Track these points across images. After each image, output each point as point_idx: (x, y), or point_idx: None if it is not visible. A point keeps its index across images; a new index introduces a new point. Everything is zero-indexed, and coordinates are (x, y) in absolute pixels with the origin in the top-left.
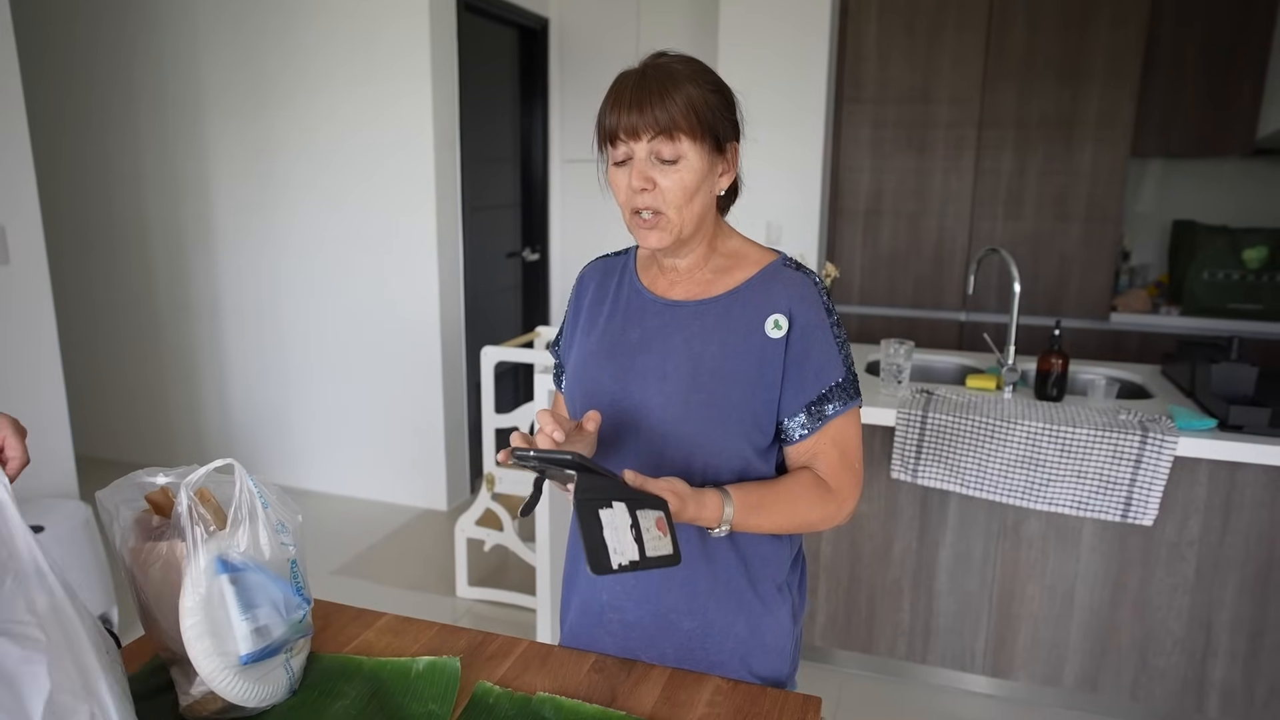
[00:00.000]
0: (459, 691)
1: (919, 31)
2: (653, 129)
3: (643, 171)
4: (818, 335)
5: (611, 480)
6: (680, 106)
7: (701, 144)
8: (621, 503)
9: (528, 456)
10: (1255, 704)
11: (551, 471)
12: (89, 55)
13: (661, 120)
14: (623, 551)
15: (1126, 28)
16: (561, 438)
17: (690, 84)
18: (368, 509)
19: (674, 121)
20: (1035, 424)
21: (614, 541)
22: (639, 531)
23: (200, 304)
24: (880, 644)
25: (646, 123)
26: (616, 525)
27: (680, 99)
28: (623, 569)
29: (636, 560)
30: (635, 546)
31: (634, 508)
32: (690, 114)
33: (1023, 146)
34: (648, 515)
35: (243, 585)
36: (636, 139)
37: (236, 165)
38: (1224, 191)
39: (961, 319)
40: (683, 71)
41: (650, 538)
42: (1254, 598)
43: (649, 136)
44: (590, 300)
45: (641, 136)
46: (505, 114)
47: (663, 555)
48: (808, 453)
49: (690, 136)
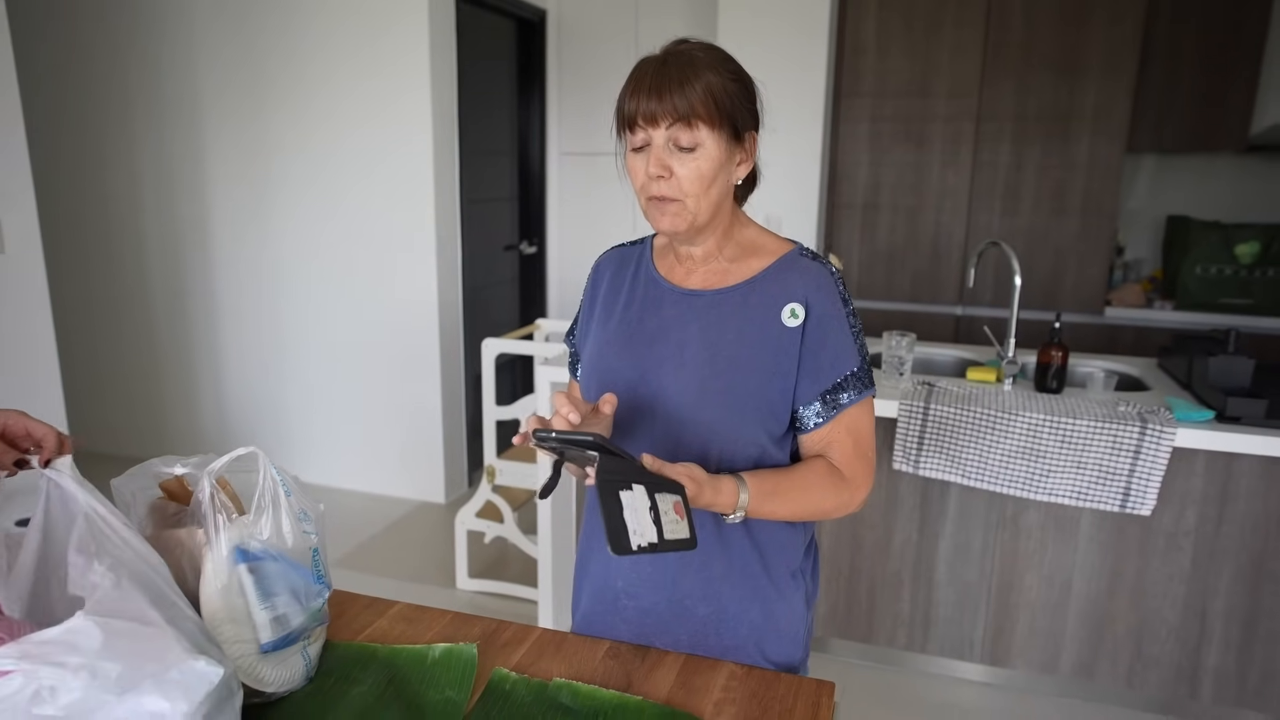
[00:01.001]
0: (475, 678)
1: (917, 26)
2: (671, 116)
3: (660, 159)
4: (834, 325)
5: (631, 463)
6: (699, 94)
7: (720, 132)
8: (640, 485)
9: (549, 437)
10: (1248, 690)
11: (570, 453)
12: (87, 54)
13: (680, 107)
14: (642, 533)
15: (1123, 24)
16: (578, 419)
17: (711, 72)
18: (365, 502)
19: (692, 109)
20: (1036, 415)
21: (634, 523)
22: (657, 514)
23: (197, 299)
24: (880, 634)
25: (665, 109)
26: (636, 507)
27: (700, 86)
28: (641, 550)
29: (655, 542)
30: (654, 529)
31: (652, 491)
32: (709, 102)
33: (1020, 141)
34: (666, 499)
35: (261, 574)
36: (655, 126)
37: (235, 161)
38: (1217, 187)
39: (958, 313)
40: (704, 59)
41: (668, 521)
42: (1248, 586)
43: (667, 124)
44: (606, 289)
45: (660, 123)
46: (503, 106)
47: (680, 539)
48: (822, 441)
49: (709, 124)
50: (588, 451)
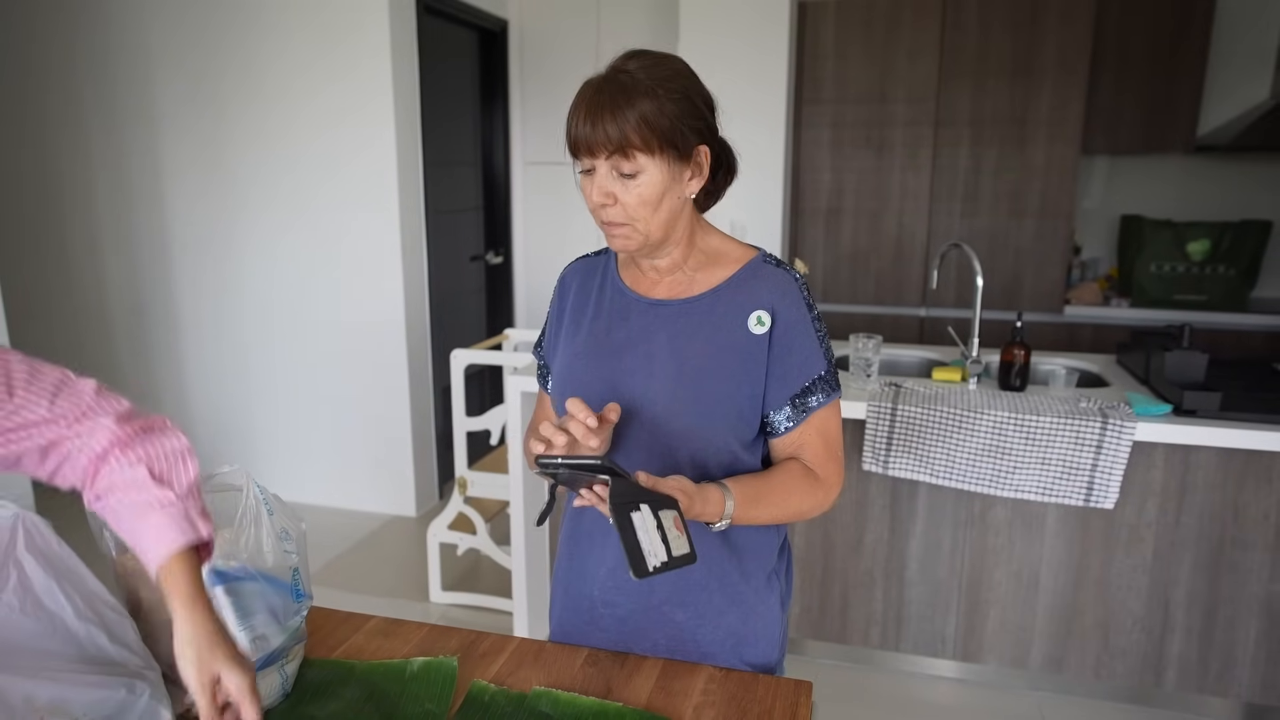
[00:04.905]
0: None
1: (875, 32)
2: (606, 148)
3: (603, 186)
4: (800, 330)
5: (633, 483)
6: (633, 124)
7: (660, 157)
8: (646, 504)
9: (555, 464)
10: (1210, 675)
11: (571, 477)
12: (40, 65)
13: (614, 138)
14: (654, 553)
15: (1075, 26)
16: (595, 424)
17: (646, 98)
18: (335, 517)
19: (626, 139)
20: (1000, 413)
21: (647, 544)
22: (663, 532)
23: (157, 313)
24: (854, 633)
25: (599, 141)
26: (647, 527)
27: (633, 116)
28: (656, 570)
29: (666, 561)
30: (664, 547)
31: (655, 509)
32: (643, 130)
33: (978, 144)
34: (666, 515)
35: (238, 595)
36: (594, 155)
37: (194, 174)
38: (1168, 187)
39: (922, 314)
40: (643, 83)
41: (672, 537)
42: (1207, 575)
43: (605, 154)
44: (573, 301)
45: (598, 154)
46: (466, 117)
47: (684, 554)
48: (793, 444)
49: (646, 152)
50: (599, 475)
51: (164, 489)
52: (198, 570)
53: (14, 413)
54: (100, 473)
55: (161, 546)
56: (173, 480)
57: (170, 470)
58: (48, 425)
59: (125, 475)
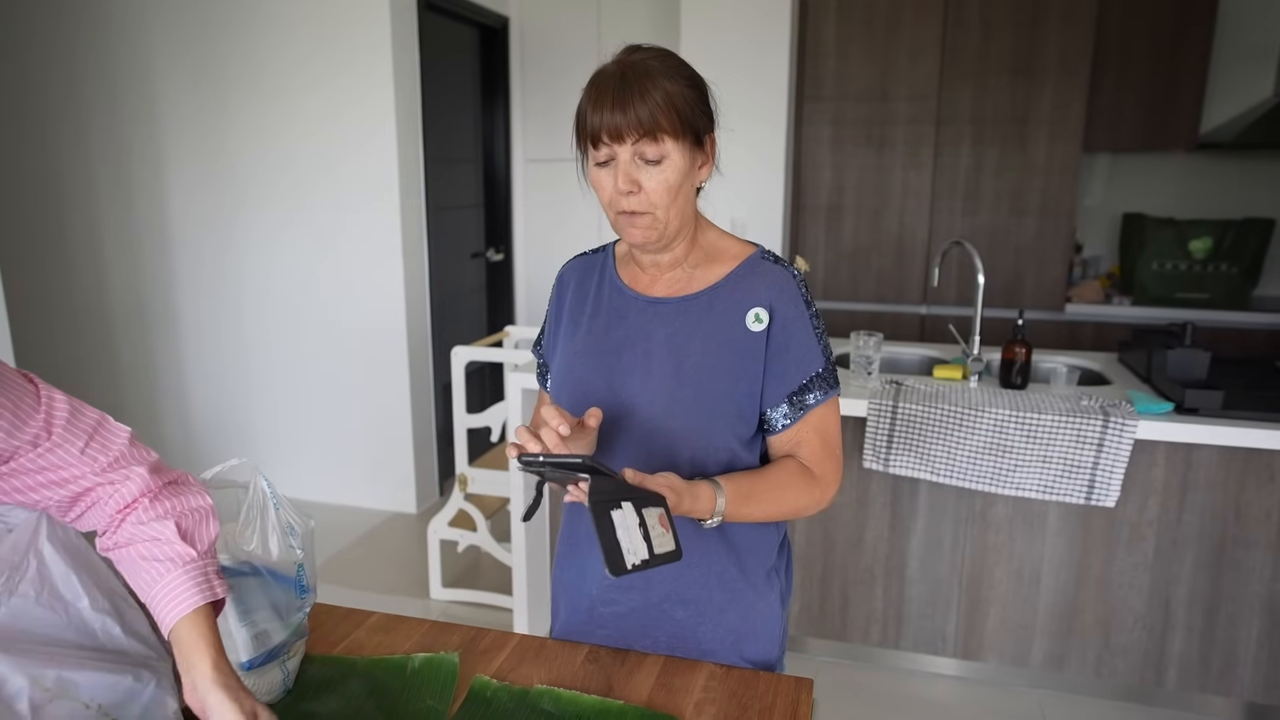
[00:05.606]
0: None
1: (877, 30)
2: (637, 131)
3: (628, 174)
4: (798, 327)
5: (617, 480)
6: (661, 106)
7: (683, 141)
8: (629, 502)
9: (538, 462)
10: (1211, 674)
11: (554, 474)
12: (41, 61)
13: (646, 122)
14: (635, 551)
15: (1076, 25)
16: (568, 431)
17: (668, 81)
18: (335, 514)
19: (657, 122)
20: (1002, 411)
21: (626, 542)
22: (646, 530)
23: (158, 309)
24: (854, 631)
25: (629, 125)
26: (628, 525)
27: (660, 98)
28: (635, 568)
29: (647, 559)
30: (645, 545)
31: (639, 506)
32: (671, 112)
33: (979, 142)
34: (651, 513)
35: (240, 590)
36: (620, 141)
37: (195, 169)
38: (1169, 185)
39: (923, 312)
40: (659, 67)
41: (656, 535)
42: (1209, 573)
43: (633, 139)
44: (572, 299)
45: (625, 139)
46: (466, 113)
47: (668, 551)
48: (791, 441)
49: (673, 135)
50: (579, 473)
51: (188, 546)
52: (215, 625)
53: (49, 451)
54: (126, 521)
55: (181, 604)
56: (196, 539)
57: (195, 528)
58: (76, 467)
59: (151, 529)
